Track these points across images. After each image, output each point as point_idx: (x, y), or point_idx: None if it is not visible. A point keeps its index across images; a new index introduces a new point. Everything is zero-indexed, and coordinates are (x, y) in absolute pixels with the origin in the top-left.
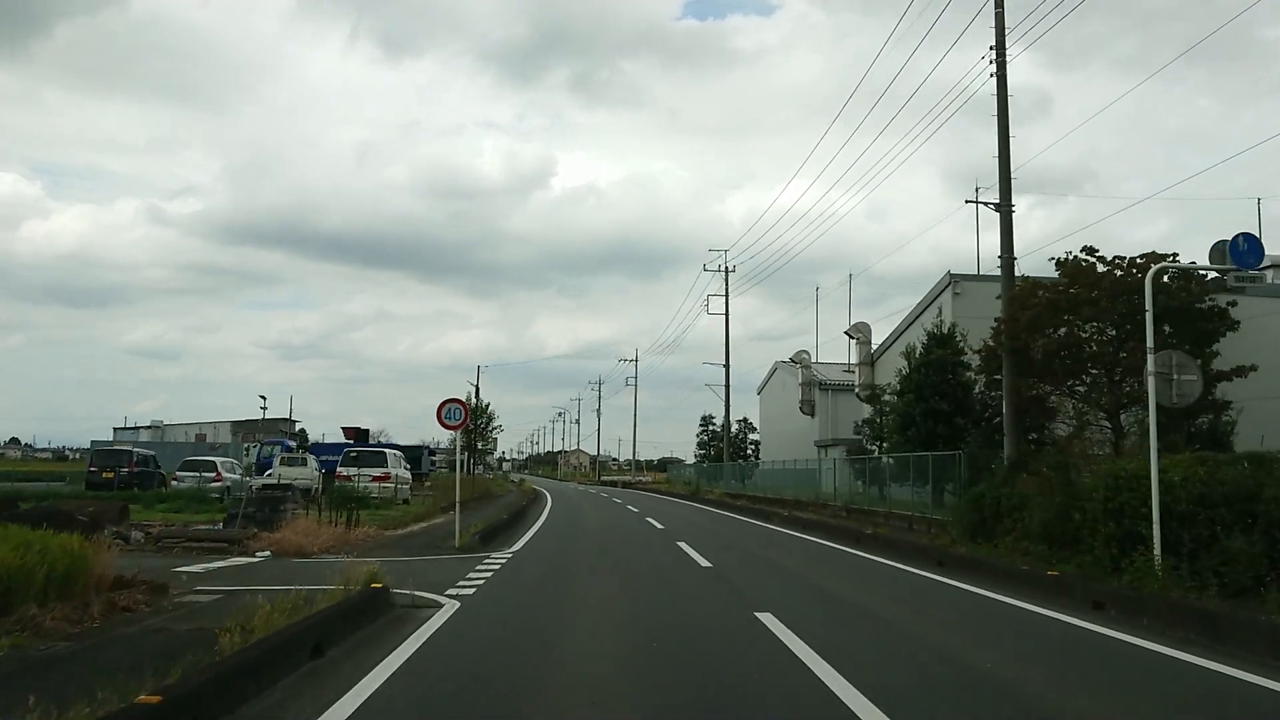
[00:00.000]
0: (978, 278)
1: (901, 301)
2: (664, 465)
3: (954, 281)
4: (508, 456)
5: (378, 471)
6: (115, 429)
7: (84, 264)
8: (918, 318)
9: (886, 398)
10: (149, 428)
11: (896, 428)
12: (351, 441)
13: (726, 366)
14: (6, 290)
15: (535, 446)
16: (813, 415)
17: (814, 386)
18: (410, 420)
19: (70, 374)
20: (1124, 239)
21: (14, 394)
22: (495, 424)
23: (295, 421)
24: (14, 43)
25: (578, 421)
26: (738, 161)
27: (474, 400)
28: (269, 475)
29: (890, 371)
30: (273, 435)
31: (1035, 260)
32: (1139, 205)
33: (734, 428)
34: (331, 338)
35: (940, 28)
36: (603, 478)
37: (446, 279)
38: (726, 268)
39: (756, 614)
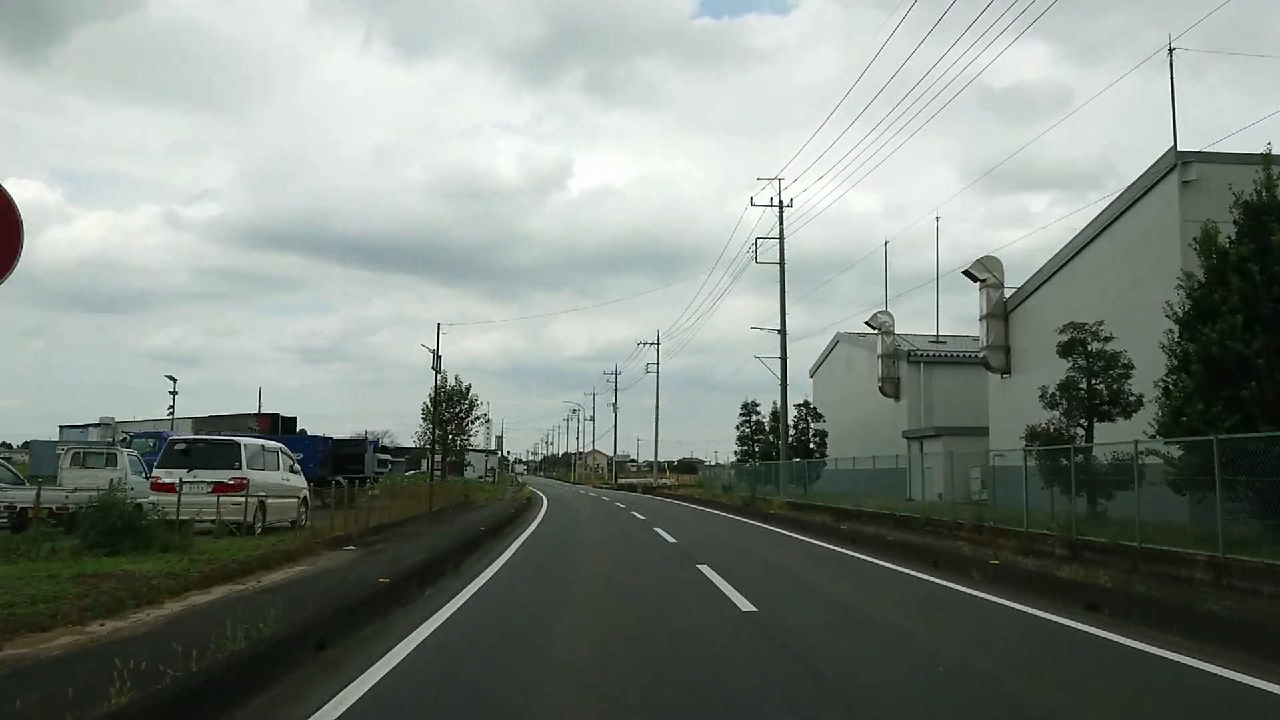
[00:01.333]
0: (1222, 158)
1: (923, 301)
2: (689, 466)
3: (1182, 164)
4: (522, 459)
5: (224, 477)
6: (61, 426)
7: (105, 269)
8: (1093, 240)
9: (1110, 345)
10: (98, 425)
11: (1185, 392)
12: (263, 433)
13: (782, 330)
14: (29, 296)
15: (550, 447)
16: (896, 398)
17: (898, 359)
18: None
19: (92, 378)
20: None
21: (36, 397)
22: (479, 411)
23: (284, 417)
24: (33, 50)
25: (592, 418)
26: (755, 160)
27: (440, 373)
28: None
29: (1036, 327)
30: (244, 430)
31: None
32: None
33: (791, 414)
34: (350, 341)
35: (956, 22)
36: (620, 480)
37: (465, 282)
38: (781, 201)
39: None
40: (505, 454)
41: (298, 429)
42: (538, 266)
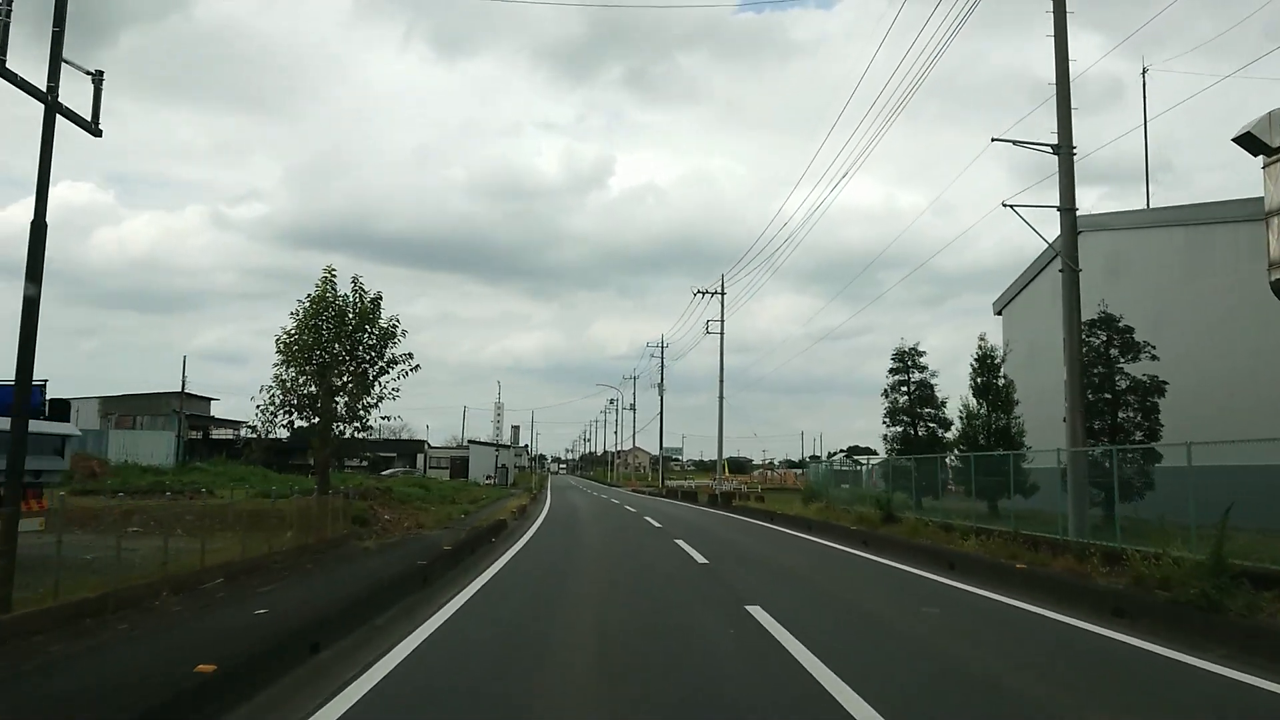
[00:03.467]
0: None
1: (969, 300)
2: (738, 465)
3: None
4: (561, 458)
5: None
6: None
7: (154, 270)
8: None
9: None
10: None
11: None
12: None
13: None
14: (82, 296)
15: (588, 444)
16: None
17: None
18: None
19: (143, 377)
20: None
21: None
22: (398, 350)
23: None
24: (81, 52)
25: (633, 406)
26: (797, 156)
27: (330, 284)
28: None
29: None
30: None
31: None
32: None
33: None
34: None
35: (1007, 14)
36: (667, 481)
37: (508, 281)
38: None
39: None
40: (531, 451)
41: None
42: (579, 265)
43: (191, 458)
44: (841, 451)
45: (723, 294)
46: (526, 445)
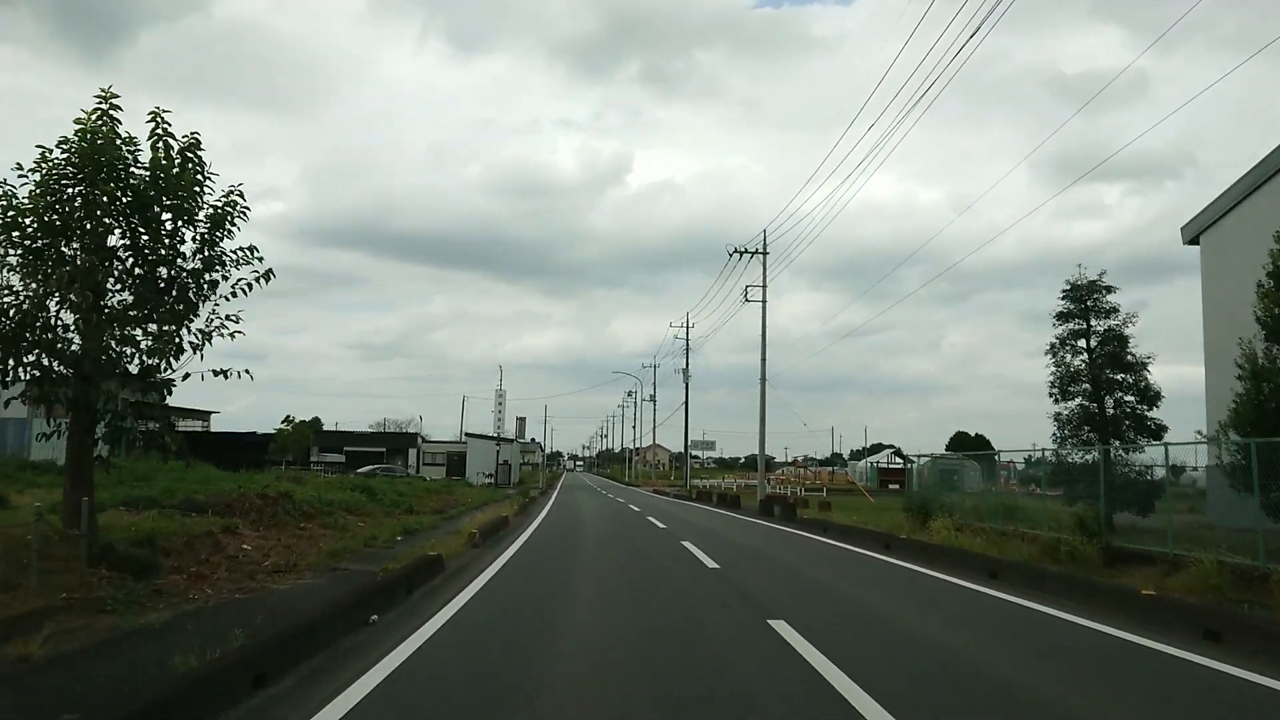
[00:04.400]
0: None
1: (992, 296)
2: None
3: None
4: (578, 455)
5: None
6: None
7: None
8: None
9: None
10: None
11: None
12: None
13: None
14: None
15: (605, 441)
16: None
17: None
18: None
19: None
20: None
21: None
22: (237, 247)
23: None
24: (100, 52)
25: (653, 398)
26: (816, 153)
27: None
28: None
29: None
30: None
31: (1131, 251)
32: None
33: None
34: (412, 337)
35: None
36: (692, 480)
37: (525, 279)
38: None
39: None
40: (545, 448)
41: None
42: (597, 263)
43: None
44: (886, 448)
45: (765, 254)
46: (532, 439)
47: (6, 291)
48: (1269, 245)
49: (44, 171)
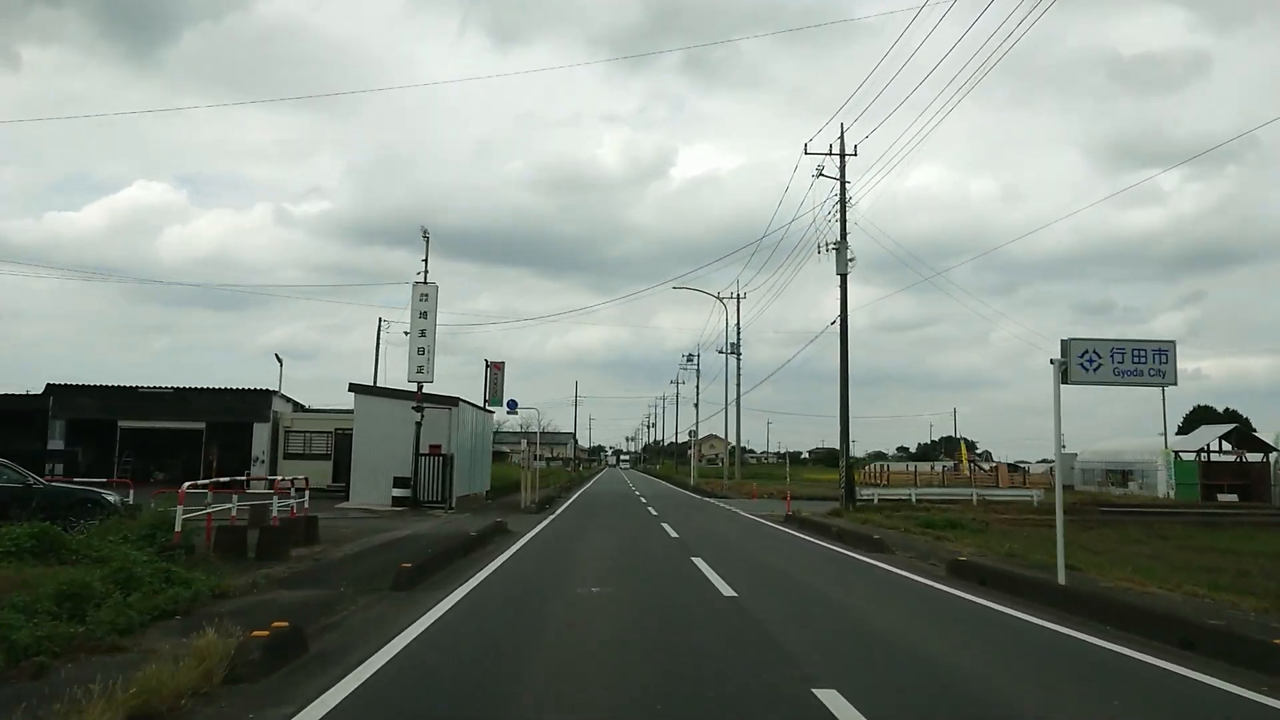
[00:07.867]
0: None
1: (1042, 289)
2: (795, 459)
3: None
4: (623, 450)
5: None
6: None
7: (223, 268)
8: None
9: None
10: None
11: None
12: None
13: None
14: (155, 295)
15: (651, 432)
16: None
17: None
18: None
19: (212, 374)
20: None
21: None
22: None
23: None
24: (146, 50)
25: (737, 350)
26: (860, 142)
27: None
28: None
29: None
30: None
31: (1189, 240)
32: None
33: None
34: (459, 335)
35: None
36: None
37: (569, 275)
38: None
39: None
40: (582, 441)
41: None
42: (640, 258)
43: None
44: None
45: (842, 155)
46: (543, 426)
47: None
48: None
49: None
